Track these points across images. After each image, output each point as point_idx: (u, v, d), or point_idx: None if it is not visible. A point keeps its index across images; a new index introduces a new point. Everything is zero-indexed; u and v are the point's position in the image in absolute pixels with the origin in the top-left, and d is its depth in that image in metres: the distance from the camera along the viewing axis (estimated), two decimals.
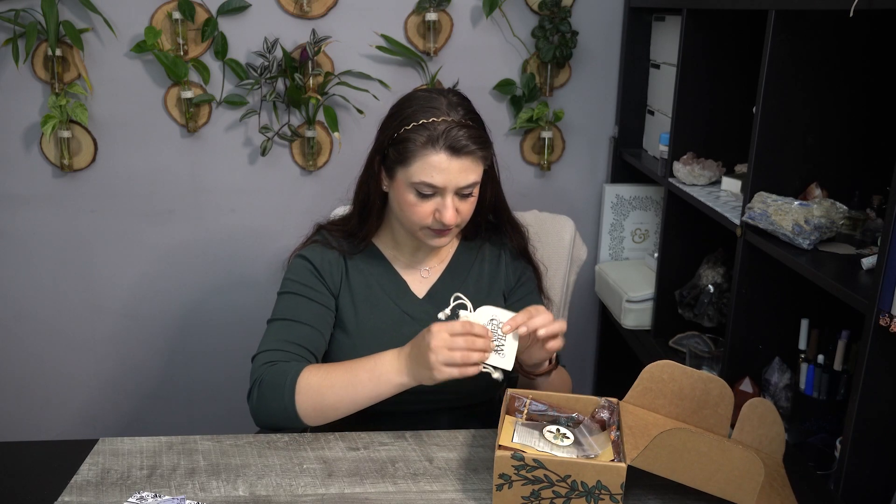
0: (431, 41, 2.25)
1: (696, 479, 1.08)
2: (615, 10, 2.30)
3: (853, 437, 1.25)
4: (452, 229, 1.40)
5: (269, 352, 1.35)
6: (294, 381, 1.28)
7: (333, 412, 1.29)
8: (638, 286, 2.21)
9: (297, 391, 1.28)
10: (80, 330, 2.42)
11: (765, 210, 1.52)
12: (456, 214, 1.36)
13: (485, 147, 1.37)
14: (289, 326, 1.38)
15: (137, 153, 2.28)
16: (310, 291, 1.42)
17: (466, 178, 1.35)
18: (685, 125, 1.97)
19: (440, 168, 1.32)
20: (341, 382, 1.28)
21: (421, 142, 1.33)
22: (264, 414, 1.30)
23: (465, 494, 1.17)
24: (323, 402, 1.28)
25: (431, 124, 1.33)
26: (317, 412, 1.29)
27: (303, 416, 1.29)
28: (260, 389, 1.30)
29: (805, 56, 1.52)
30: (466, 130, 1.33)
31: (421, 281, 1.50)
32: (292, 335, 1.37)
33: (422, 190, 1.34)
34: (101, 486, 1.17)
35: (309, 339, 1.38)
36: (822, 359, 1.58)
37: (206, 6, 2.17)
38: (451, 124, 1.32)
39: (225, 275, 2.40)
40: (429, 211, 1.36)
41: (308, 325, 1.39)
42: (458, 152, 1.32)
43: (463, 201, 1.37)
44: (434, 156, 1.32)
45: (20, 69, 2.16)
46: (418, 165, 1.33)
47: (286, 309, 1.41)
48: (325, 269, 1.45)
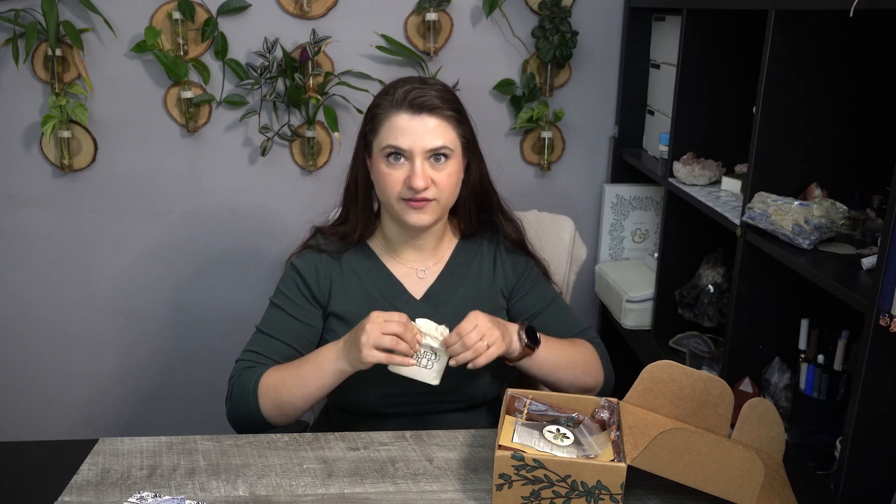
0: (431, 41, 2.25)
1: (696, 479, 1.08)
2: (615, 10, 2.30)
3: (853, 437, 1.25)
4: (431, 203, 1.38)
5: (245, 361, 1.43)
6: (256, 384, 1.36)
7: (291, 408, 1.36)
8: (638, 286, 2.21)
9: (259, 394, 1.36)
10: (80, 330, 2.42)
11: (765, 210, 1.52)
12: (429, 182, 1.36)
13: (453, 108, 1.38)
14: (266, 341, 1.44)
15: (137, 153, 2.28)
16: (293, 308, 1.46)
17: (433, 140, 1.35)
18: (685, 125, 1.97)
19: (402, 128, 1.35)
20: (291, 378, 1.35)
21: (385, 106, 1.37)
22: (236, 419, 1.40)
23: (465, 494, 1.17)
24: (280, 400, 1.35)
25: (396, 91, 1.37)
26: (277, 410, 1.36)
27: (266, 416, 1.36)
28: (231, 399, 1.40)
29: (805, 56, 1.51)
30: (429, 90, 1.36)
31: (418, 282, 1.50)
32: (269, 349, 1.43)
33: (390, 156, 1.37)
34: (101, 486, 1.17)
35: (283, 354, 1.43)
36: (822, 359, 1.58)
37: (206, 6, 2.17)
38: (414, 88, 1.36)
39: (225, 275, 2.41)
40: (400, 178, 1.37)
41: (284, 343, 1.44)
42: (419, 109, 1.35)
43: (437, 171, 1.37)
44: (396, 116, 1.35)
45: (20, 69, 2.16)
46: (385, 130, 1.37)
47: (269, 322, 1.47)
48: (313, 278, 1.47)
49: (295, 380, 1.34)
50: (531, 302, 1.52)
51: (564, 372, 1.42)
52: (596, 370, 1.47)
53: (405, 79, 1.42)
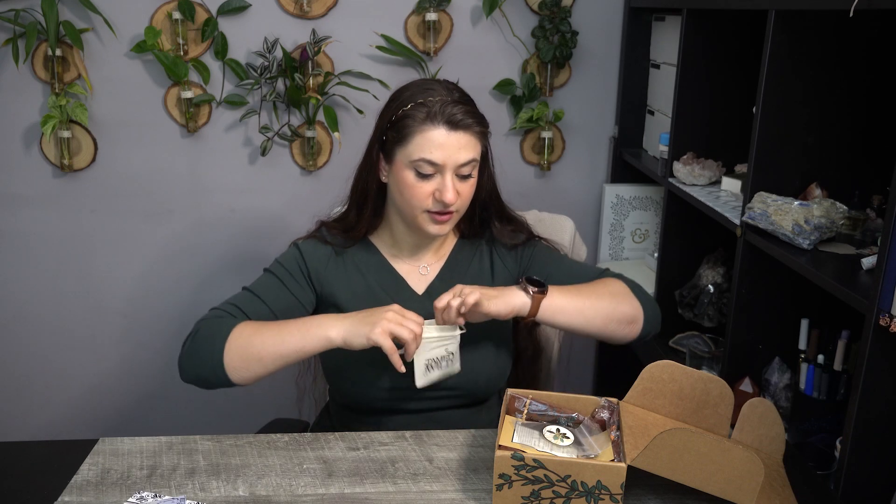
0: (431, 41, 2.25)
1: (696, 479, 1.08)
2: (615, 10, 2.30)
3: (853, 437, 1.25)
4: (453, 215, 1.39)
5: (220, 310, 1.38)
6: (229, 331, 1.30)
7: (258, 364, 1.29)
8: None
9: (228, 341, 1.29)
10: (81, 330, 2.42)
11: (765, 210, 1.52)
12: (456, 195, 1.36)
13: (482, 123, 1.38)
14: (252, 301, 1.40)
15: (137, 153, 2.28)
16: (289, 279, 1.44)
17: (466, 155, 1.35)
18: (685, 125, 1.97)
19: (438, 143, 1.34)
20: (271, 333, 1.30)
21: (420, 118, 1.35)
22: (190, 362, 1.32)
23: (465, 494, 1.17)
24: (249, 352, 1.28)
25: (429, 102, 1.35)
26: (242, 362, 1.29)
27: (228, 365, 1.29)
28: (194, 338, 1.33)
29: (805, 56, 1.51)
30: (463, 106, 1.35)
31: (420, 278, 1.50)
32: (251, 308, 1.39)
33: (421, 168, 1.35)
34: (101, 486, 1.17)
35: (265, 318, 1.38)
36: (822, 359, 1.58)
37: (206, 6, 2.17)
38: (447, 101, 1.35)
39: (225, 275, 2.40)
40: (428, 191, 1.36)
41: (269, 308, 1.40)
42: (455, 126, 1.34)
43: (462, 183, 1.38)
44: (432, 130, 1.34)
45: (20, 69, 2.16)
46: (417, 142, 1.35)
47: (260, 286, 1.44)
48: (314, 263, 1.46)
49: (274, 335, 1.29)
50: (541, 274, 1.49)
51: (594, 309, 1.37)
52: (628, 298, 1.41)
53: (428, 84, 1.39)
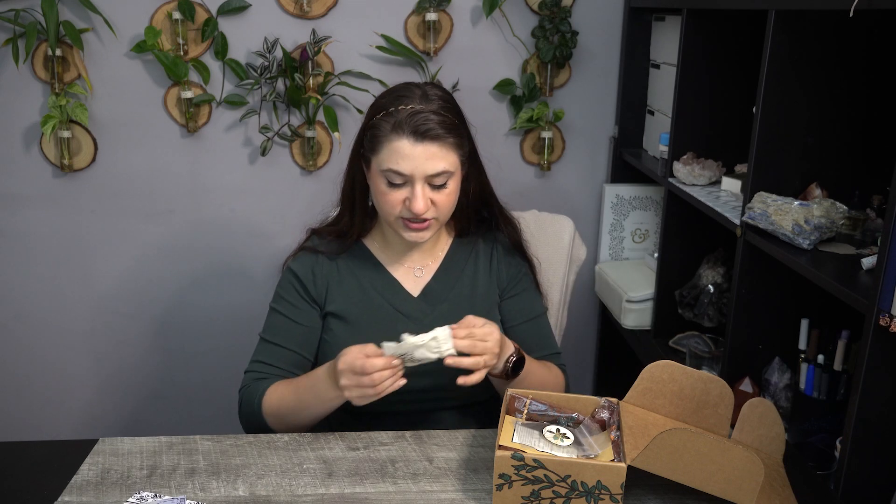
0: (431, 41, 2.25)
1: (696, 479, 1.08)
2: (615, 10, 2.30)
3: (853, 437, 1.25)
4: (430, 223, 1.39)
5: (253, 372, 1.45)
6: (260, 404, 1.39)
7: (301, 427, 1.39)
8: (638, 286, 2.21)
9: (264, 413, 1.39)
10: (80, 330, 2.42)
11: (765, 210, 1.52)
12: (429, 205, 1.36)
13: (455, 134, 1.36)
14: (271, 350, 1.46)
15: (137, 153, 2.28)
16: (294, 311, 1.47)
17: (434, 166, 1.34)
18: (685, 125, 1.97)
19: (404, 154, 1.33)
20: (294, 406, 1.37)
21: (387, 129, 1.35)
22: (250, 429, 1.43)
23: (465, 494, 1.17)
24: (286, 422, 1.38)
25: (398, 111, 1.34)
26: (286, 427, 1.39)
27: (275, 429, 1.40)
28: (240, 410, 1.44)
29: (805, 56, 1.51)
30: (434, 116, 1.34)
31: (415, 280, 1.50)
32: (275, 358, 1.45)
33: (391, 178, 1.35)
34: (101, 486, 1.17)
35: (289, 361, 1.46)
36: (822, 359, 1.58)
37: (206, 6, 2.17)
38: (416, 111, 1.33)
39: (225, 275, 2.40)
40: (399, 199, 1.36)
41: (288, 350, 1.46)
42: (422, 137, 1.33)
43: (437, 192, 1.37)
44: (397, 141, 1.33)
45: (20, 69, 2.16)
46: (385, 152, 1.35)
47: (271, 330, 1.48)
48: (310, 280, 1.48)
49: (299, 409, 1.36)
50: (516, 309, 1.53)
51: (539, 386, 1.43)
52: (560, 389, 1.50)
53: (404, 91, 1.38)
